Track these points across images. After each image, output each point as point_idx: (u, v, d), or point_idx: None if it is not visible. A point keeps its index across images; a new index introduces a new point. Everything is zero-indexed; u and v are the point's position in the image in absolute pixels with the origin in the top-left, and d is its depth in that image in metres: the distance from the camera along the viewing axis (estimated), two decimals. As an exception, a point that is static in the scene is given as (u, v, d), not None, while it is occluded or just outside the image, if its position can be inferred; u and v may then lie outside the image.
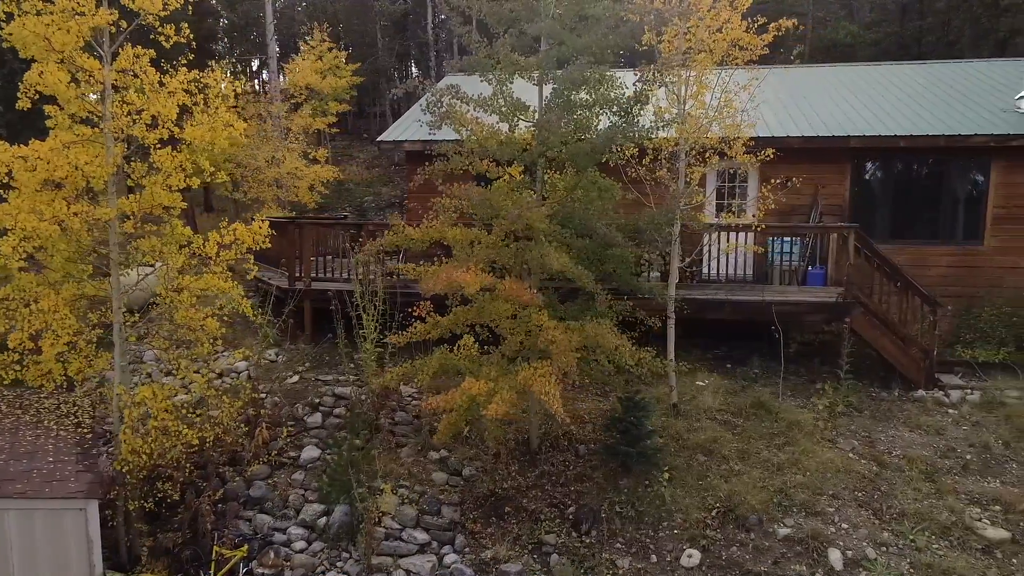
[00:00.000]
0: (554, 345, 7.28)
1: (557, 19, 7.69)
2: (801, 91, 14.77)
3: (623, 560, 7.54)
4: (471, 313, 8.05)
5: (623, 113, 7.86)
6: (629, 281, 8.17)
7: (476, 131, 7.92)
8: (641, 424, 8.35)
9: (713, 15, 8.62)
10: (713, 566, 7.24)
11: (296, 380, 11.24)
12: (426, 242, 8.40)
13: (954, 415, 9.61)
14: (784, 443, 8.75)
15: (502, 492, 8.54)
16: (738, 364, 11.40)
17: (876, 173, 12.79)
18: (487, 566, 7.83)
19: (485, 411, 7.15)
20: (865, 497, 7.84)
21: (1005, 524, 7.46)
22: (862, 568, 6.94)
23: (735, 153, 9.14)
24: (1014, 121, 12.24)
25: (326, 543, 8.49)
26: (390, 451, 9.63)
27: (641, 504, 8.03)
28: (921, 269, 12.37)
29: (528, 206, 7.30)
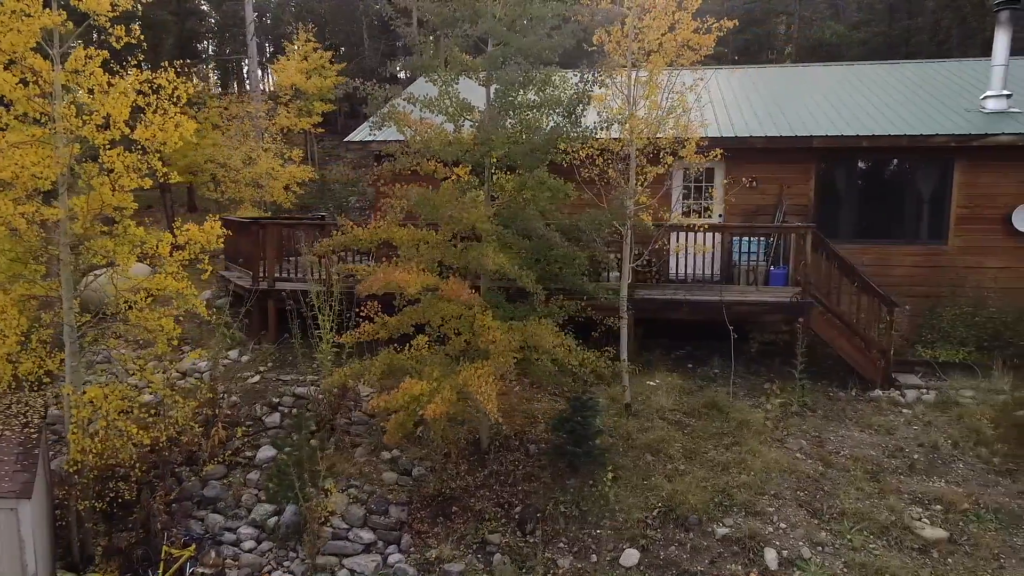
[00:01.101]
0: (493, 345, 7.31)
1: (500, 20, 7.70)
2: (768, 91, 14.79)
3: (564, 559, 7.56)
4: (417, 313, 8.06)
5: (567, 113, 7.87)
6: (574, 281, 8.18)
7: (420, 132, 7.94)
8: (588, 424, 8.36)
9: (663, 15, 8.63)
10: (651, 566, 7.26)
11: (257, 380, 11.28)
12: (374, 242, 8.42)
13: (907, 415, 9.62)
14: (732, 443, 8.77)
15: (450, 492, 8.55)
16: (700, 364, 11.41)
17: (841, 173, 12.79)
18: (431, 566, 7.86)
19: (423, 411, 7.16)
20: (807, 497, 7.86)
21: (944, 524, 7.48)
22: (796, 567, 6.95)
23: (687, 154, 9.16)
24: (977, 121, 12.25)
25: (275, 543, 8.53)
26: (344, 451, 9.66)
27: (585, 504, 8.05)
28: (886, 269, 12.43)
29: (465, 207, 7.32)
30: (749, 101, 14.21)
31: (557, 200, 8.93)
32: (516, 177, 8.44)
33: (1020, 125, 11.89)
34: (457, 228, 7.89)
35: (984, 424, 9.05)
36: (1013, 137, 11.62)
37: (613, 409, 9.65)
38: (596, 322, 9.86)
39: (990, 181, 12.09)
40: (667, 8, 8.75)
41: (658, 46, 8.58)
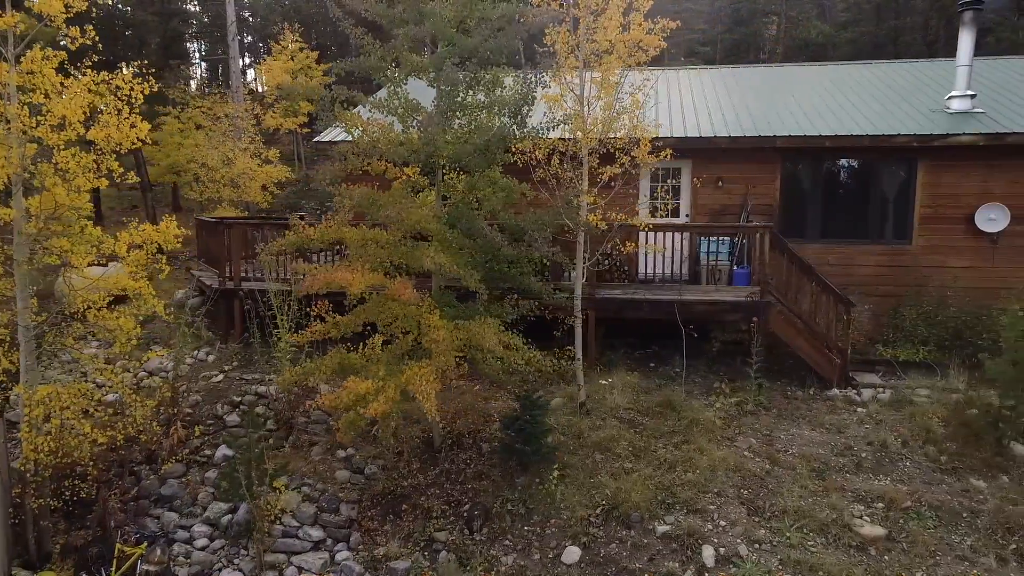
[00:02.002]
0: (435, 344, 7.37)
1: (447, 21, 7.75)
2: (738, 91, 14.83)
3: (507, 557, 7.62)
4: (365, 313, 8.13)
5: (512, 114, 7.92)
6: (521, 281, 8.23)
7: (367, 132, 7.99)
8: (537, 423, 8.41)
9: (616, 16, 8.67)
10: (592, 563, 7.31)
11: (220, 379, 11.35)
12: (325, 242, 8.48)
13: (861, 414, 9.67)
14: (682, 441, 8.82)
15: (401, 490, 8.63)
16: (663, 363, 11.48)
17: (806, 173, 12.84)
18: (378, 563, 7.92)
19: (364, 410, 7.22)
20: (750, 495, 7.91)
21: (884, 522, 7.52)
22: (732, 565, 7.00)
23: (640, 154, 9.21)
24: (940, 121, 12.30)
25: (227, 541, 8.60)
26: (302, 449, 9.74)
27: (532, 502, 8.11)
28: (852, 268, 12.50)
29: (406, 207, 7.38)
30: (718, 101, 14.26)
31: (512, 200, 9.01)
32: (468, 177, 8.49)
33: (982, 125, 11.93)
34: (405, 228, 7.94)
35: (935, 423, 9.10)
36: (974, 137, 11.66)
37: (569, 408, 9.71)
38: (559, 321, 9.96)
39: (953, 181, 12.14)
40: (619, 9, 8.78)
41: (610, 47, 8.61)
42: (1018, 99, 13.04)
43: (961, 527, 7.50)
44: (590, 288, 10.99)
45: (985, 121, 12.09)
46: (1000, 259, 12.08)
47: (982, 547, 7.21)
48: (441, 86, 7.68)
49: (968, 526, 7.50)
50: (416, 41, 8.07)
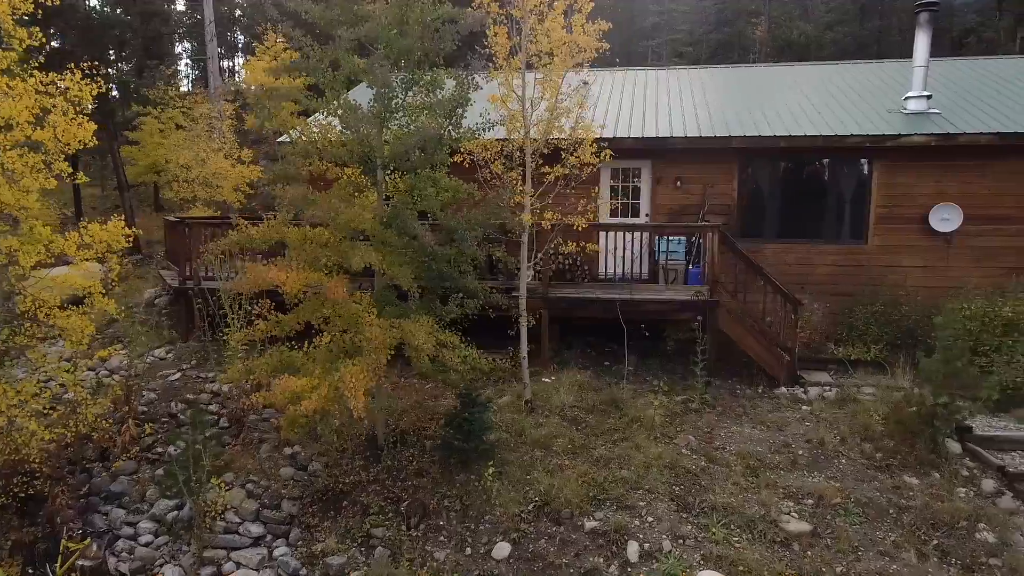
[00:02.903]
0: (368, 343, 7.46)
1: (384, 22, 7.84)
2: (700, 92, 14.92)
3: (441, 552, 7.71)
4: (304, 312, 8.22)
5: (447, 115, 8.02)
6: (458, 280, 8.32)
7: (305, 132, 8.09)
8: (476, 420, 8.51)
9: (558, 19, 8.77)
10: (520, 558, 7.41)
11: (178, 377, 11.45)
12: (268, 241, 8.56)
13: (804, 412, 9.77)
14: (621, 439, 8.92)
15: (342, 487, 8.71)
16: (618, 362, 11.56)
17: (764, 173, 12.93)
18: (315, 559, 8.01)
19: (295, 408, 7.32)
20: (681, 491, 8.00)
21: (811, 518, 7.62)
22: (655, 560, 7.10)
23: (582, 155, 9.30)
24: (895, 121, 12.39)
25: (171, 537, 8.70)
26: (252, 446, 9.83)
27: (468, 498, 8.20)
28: (809, 268, 12.60)
29: (333, 207, 7.47)
30: (681, 102, 14.35)
31: (458, 200, 9.09)
32: (410, 178, 8.58)
33: (935, 126, 12.02)
34: (345, 228, 8.03)
35: (875, 421, 9.18)
36: (925, 138, 11.75)
37: (516, 406, 9.81)
38: (514, 320, 10.08)
39: (908, 181, 12.23)
40: (560, 11, 8.88)
41: (551, 48, 8.71)
42: (975, 100, 13.14)
43: (887, 523, 7.59)
44: (543, 287, 11.11)
45: (939, 122, 12.17)
46: (954, 258, 12.17)
47: (904, 543, 7.30)
48: (376, 87, 7.77)
49: (894, 522, 7.59)
50: (357, 42, 8.15)
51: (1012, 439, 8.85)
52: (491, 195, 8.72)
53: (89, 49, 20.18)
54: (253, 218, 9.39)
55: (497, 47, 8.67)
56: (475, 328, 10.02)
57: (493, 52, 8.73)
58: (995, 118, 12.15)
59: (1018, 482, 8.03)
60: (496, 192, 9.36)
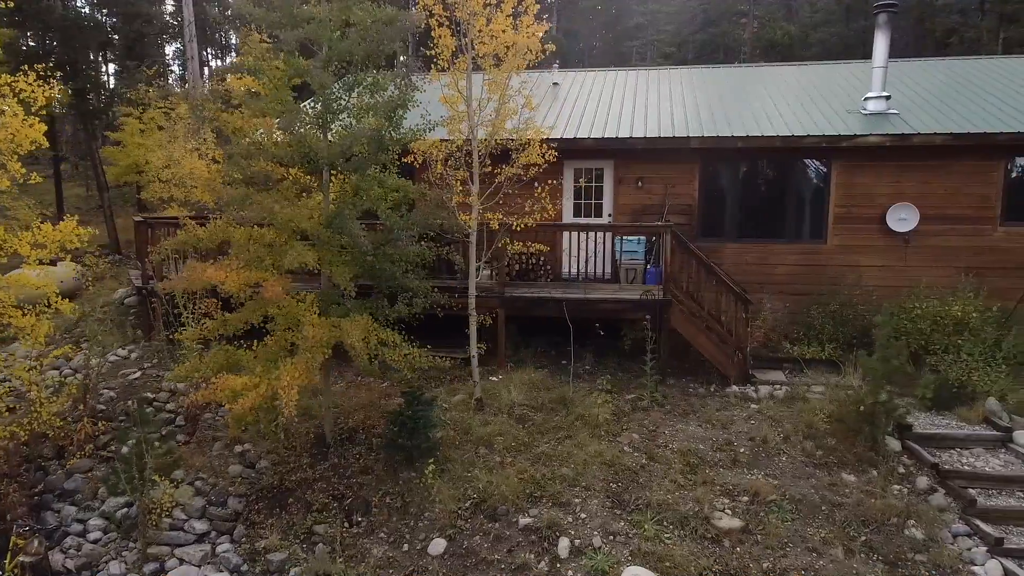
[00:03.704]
0: (304, 341, 7.55)
1: (323, 23, 7.93)
2: (666, 93, 15.00)
3: (378, 549, 7.80)
4: (248, 310, 8.30)
5: (387, 117, 8.10)
6: (399, 279, 8.41)
7: (247, 133, 8.17)
8: (419, 418, 8.60)
9: (504, 21, 8.86)
10: (454, 555, 7.49)
11: (138, 376, 11.54)
12: (214, 241, 8.65)
13: (752, 410, 9.84)
14: (566, 436, 9.00)
15: (288, 484, 8.81)
16: (576, 361, 11.65)
17: (725, 173, 13.01)
18: (257, 555, 8.11)
19: (231, 406, 7.40)
20: (618, 488, 8.08)
21: (744, 514, 7.70)
22: (584, 556, 7.18)
23: (529, 155, 9.39)
24: (852, 122, 12.46)
25: (121, 534, 8.78)
26: (205, 444, 9.93)
27: (409, 495, 8.29)
28: (769, 267, 12.68)
29: (268, 206, 7.56)
30: (645, 102, 14.43)
31: (408, 200, 9.19)
32: (355, 178, 8.68)
33: (892, 126, 12.09)
34: (288, 228, 8.12)
35: (819, 419, 9.26)
36: (880, 138, 11.82)
37: (466, 404, 9.89)
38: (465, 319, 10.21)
39: (866, 181, 12.30)
40: (507, 14, 8.96)
41: (497, 50, 8.80)
42: (935, 100, 13.22)
43: (818, 520, 7.67)
44: (500, 287, 11.19)
45: (895, 122, 12.25)
46: (912, 258, 12.24)
47: (833, 539, 7.38)
48: (315, 88, 7.85)
49: (826, 519, 7.67)
50: (301, 44, 8.24)
51: (951, 437, 8.93)
52: (432, 195, 8.79)
53: (68, 50, 20.36)
54: (202, 218, 9.48)
55: (441, 49, 8.75)
56: (438, 327, 10.16)
57: (435, 54, 8.81)
58: (951, 118, 12.22)
59: (950, 479, 8.11)
60: (437, 192, 9.46)
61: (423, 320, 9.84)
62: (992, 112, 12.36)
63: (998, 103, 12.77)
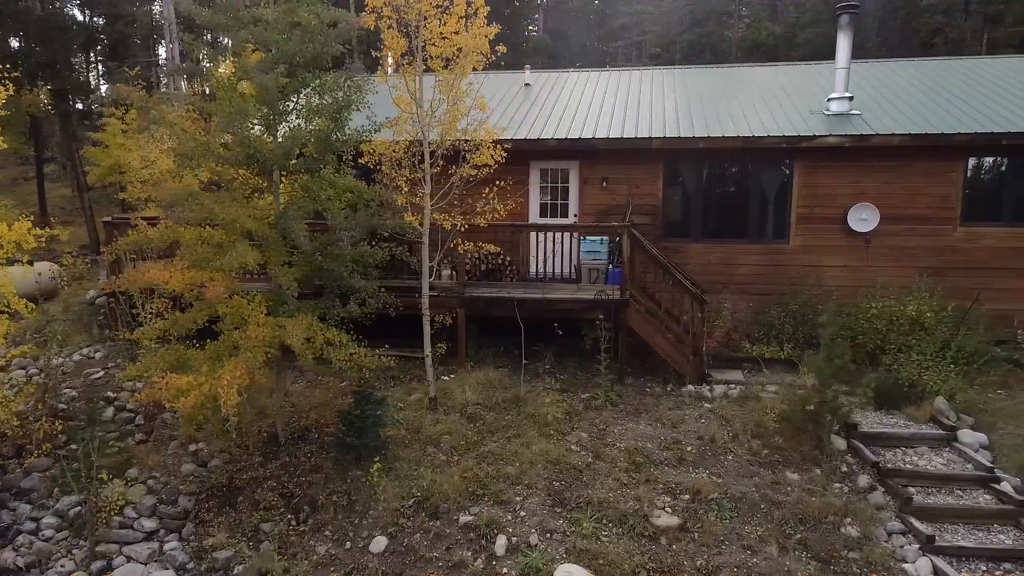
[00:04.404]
0: (246, 341, 7.61)
1: (267, 25, 8.00)
2: (634, 94, 15.05)
3: (323, 546, 7.87)
4: (197, 310, 8.37)
5: (332, 118, 8.17)
6: (346, 279, 8.48)
7: (192, 135, 8.25)
8: (368, 417, 8.67)
9: (447, 20, 8.92)
10: (395, 552, 7.56)
11: (101, 375, 11.60)
12: (164, 241, 8.72)
13: (705, 409, 9.90)
14: (515, 435, 9.06)
15: (239, 483, 8.88)
16: (536, 360, 11.73)
17: (689, 174, 13.06)
18: (204, 553, 8.18)
19: (174, 405, 7.47)
20: (561, 487, 8.15)
21: (683, 513, 7.76)
22: (520, 553, 7.24)
23: (481, 156, 9.46)
24: (813, 122, 12.51)
25: (73, 532, 8.85)
26: (162, 443, 10.00)
27: (356, 494, 8.36)
28: (732, 267, 12.74)
29: (207, 206, 7.63)
30: (613, 103, 14.48)
31: (362, 200, 9.25)
32: (305, 179, 8.75)
33: (852, 127, 12.15)
34: (236, 229, 8.19)
35: (769, 418, 9.32)
36: (840, 139, 11.88)
37: (422, 403, 9.95)
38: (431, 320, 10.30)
39: (827, 182, 12.36)
40: (458, 18, 9.03)
41: (443, 53, 8.87)
42: (898, 101, 13.27)
43: (757, 518, 7.73)
44: (460, 287, 11.26)
45: (857, 123, 12.30)
46: (873, 258, 12.29)
47: (769, 537, 7.45)
48: (258, 90, 7.92)
49: (764, 517, 7.74)
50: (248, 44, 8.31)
51: (897, 436, 8.99)
52: (379, 196, 8.86)
53: (48, 50, 20.40)
54: (155, 219, 9.55)
55: (389, 51, 8.81)
56: (404, 327, 10.24)
57: (382, 56, 8.87)
58: (911, 119, 12.28)
59: (890, 478, 8.17)
60: (402, 193, 9.53)
61: (390, 320, 9.97)
62: (953, 113, 12.42)
63: (960, 104, 12.83)
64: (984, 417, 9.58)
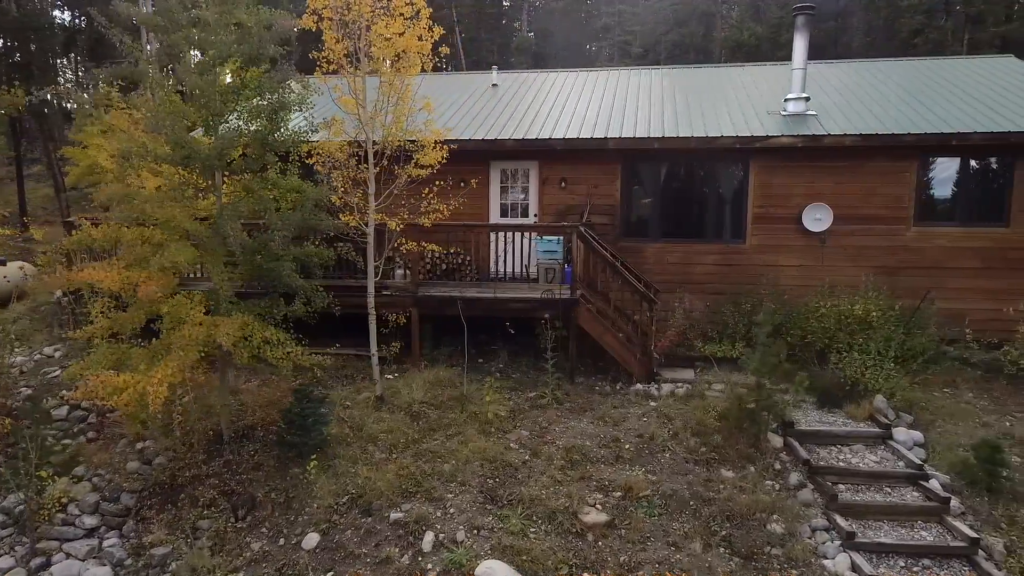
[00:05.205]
0: (179, 340, 7.69)
1: (206, 27, 8.08)
2: (589, 95, 15.13)
3: (257, 543, 7.95)
4: (135, 310, 8.45)
5: (268, 119, 8.26)
6: (285, 279, 8.56)
7: (131, 136, 8.33)
8: (308, 415, 8.75)
9: (390, 23, 9.01)
10: (326, 549, 7.64)
11: (58, 374, 11.68)
12: (108, 241, 8.80)
13: (650, 408, 9.96)
14: (456, 433, 9.14)
15: (182, 480, 8.96)
16: (491, 359, 11.82)
17: (647, 174, 13.15)
18: (143, 549, 8.28)
19: (108, 403, 7.55)
20: (495, 484, 8.22)
21: (613, 510, 7.83)
22: (446, 550, 7.32)
23: (426, 156, 9.54)
24: (768, 123, 12.59)
25: (17, 529, 8.93)
26: (112, 441, 10.09)
27: (294, 491, 8.44)
28: (690, 267, 12.82)
29: (138, 205, 7.72)
30: (576, 104, 14.56)
31: (307, 200, 9.33)
32: (246, 179, 8.83)
33: (806, 128, 12.22)
34: (171, 229, 8.27)
35: (711, 416, 9.38)
36: (793, 139, 11.95)
37: (370, 402, 10.03)
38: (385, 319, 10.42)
39: (783, 182, 12.43)
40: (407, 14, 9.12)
41: (381, 54, 8.95)
42: (855, 102, 13.35)
43: (685, 515, 7.80)
44: (413, 286, 11.33)
45: (812, 123, 12.38)
46: (828, 258, 12.36)
47: (695, 534, 7.52)
48: (190, 90, 8.01)
49: (692, 514, 7.81)
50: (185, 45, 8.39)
51: (833, 434, 9.07)
52: (312, 195, 8.94)
53: (24, 51, 20.52)
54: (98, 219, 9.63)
55: (329, 52, 8.90)
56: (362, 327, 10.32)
57: (323, 57, 8.96)
58: (865, 119, 12.36)
59: (819, 475, 8.24)
60: (351, 193, 9.61)
61: (352, 320, 10.10)
62: (907, 114, 12.49)
63: (917, 105, 12.91)
64: (925, 416, 9.66)
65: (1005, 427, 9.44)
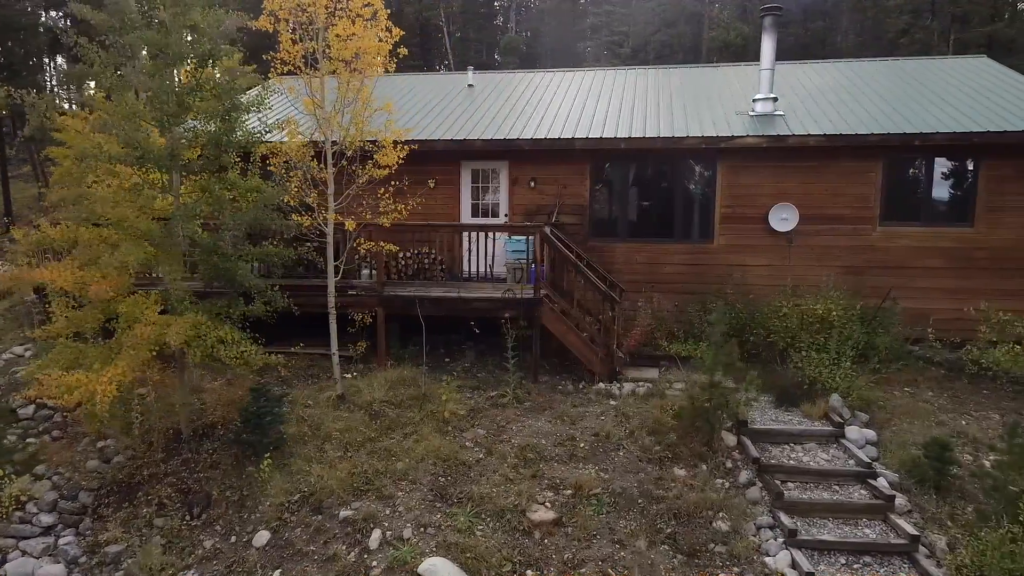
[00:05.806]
0: (130, 339, 7.74)
1: (157, 27, 8.14)
2: (562, 96, 15.19)
3: (209, 541, 8.02)
4: (90, 310, 8.51)
5: (223, 120, 8.32)
6: (241, 279, 8.62)
7: (86, 138, 8.39)
8: (264, 414, 8.80)
9: (348, 25, 9.06)
10: (275, 546, 7.70)
11: (24, 373, 11.74)
12: (66, 242, 8.86)
13: (610, 406, 10.00)
14: (413, 432, 9.19)
15: (140, 478, 9.02)
16: (458, 359, 11.88)
17: (616, 174, 13.21)
18: (98, 547, 8.34)
19: (59, 402, 7.61)
20: (446, 482, 8.28)
21: (562, 508, 7.88)
22: (392, 547, 7.37)
23: (384, 156, 9.59)
24: (735, 124, 12.64)
25: (-21, 527, 8.99)
26: (76, 439, 10.14)
27: (248, 489, 8.50)
28: (658, 267, 12.88)
29: (89, 205, 7.78)
30: (547, 104, 14.62)
31: (269, 201, 9.39)
32: (203, 179, 8.89)
33: (773, 128, 12.27)
34: (126, 229, 8.33)
35: (668, 415, 9.43)
36: (758, 139, 12.01)
37: (331, 401, 10.08)
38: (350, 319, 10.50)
39: (750, 182, 12.48)
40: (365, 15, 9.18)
41: (339, 54, 9.01)
42: (824, 102, 13.41)
43: (633, 513, 7.85)
44: (380, 286, 11.39)
45: (779, 124, 12.43)
46: (796, 257, 12.42)
47: (640, 531, 7.57)
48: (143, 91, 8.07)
49: (640, 512, 7.86)
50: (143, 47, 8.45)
51: (787, 432, 9.12)
52: (267, 195, 9.00)
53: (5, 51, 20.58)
54: (59, 220, 9.68)
55: (285, 53, 8.95)
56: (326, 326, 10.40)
57: (279, 58, 9.02)
58: (831, 120, 12.41)
59: (768, 473, 8.29)
60: (308, 194, 9.67)
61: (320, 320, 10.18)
62: (873, 114, 12.55)
63: (884, 105, 12.96)
64: (881, 414, 9.71)
65: (961, 426, 9.49)
